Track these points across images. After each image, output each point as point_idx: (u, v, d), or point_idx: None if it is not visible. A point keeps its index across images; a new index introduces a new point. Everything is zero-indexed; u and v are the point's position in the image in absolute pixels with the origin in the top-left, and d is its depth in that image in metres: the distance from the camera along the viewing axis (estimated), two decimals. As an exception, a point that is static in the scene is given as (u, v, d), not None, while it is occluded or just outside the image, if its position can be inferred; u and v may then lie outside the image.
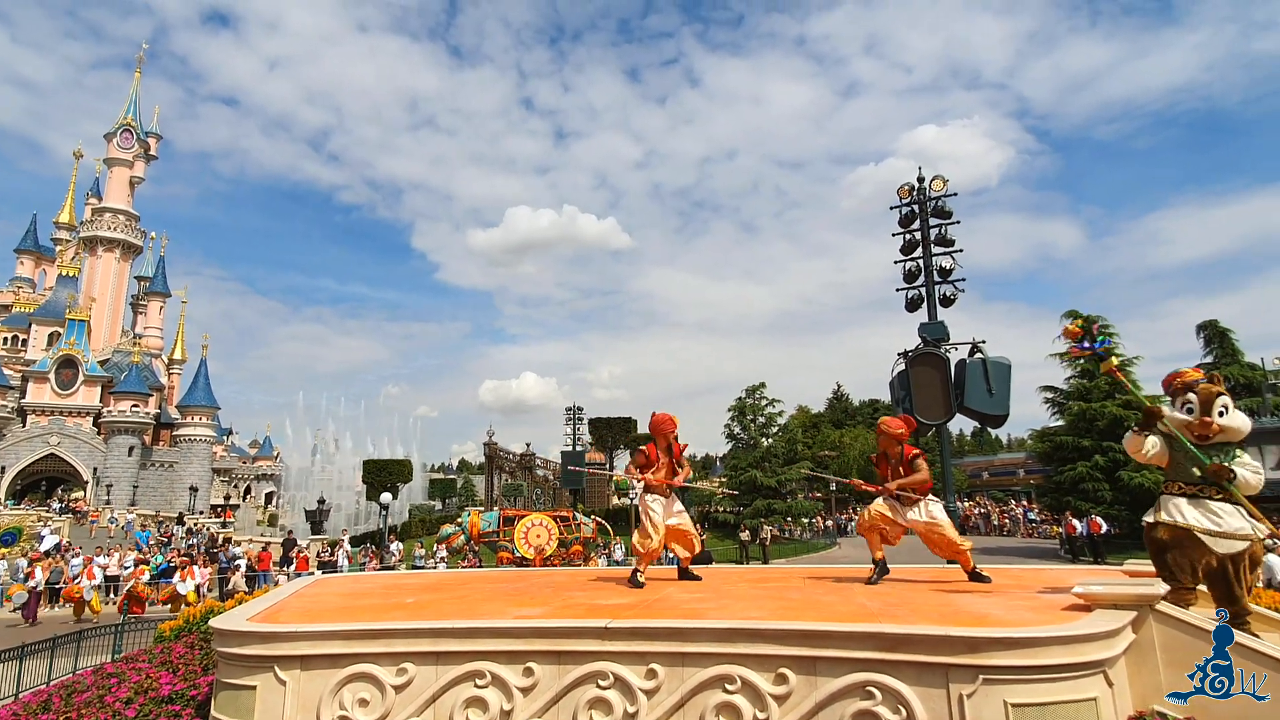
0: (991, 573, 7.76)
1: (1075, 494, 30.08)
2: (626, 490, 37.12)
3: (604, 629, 4.49)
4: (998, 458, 64.03)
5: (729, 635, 4.24)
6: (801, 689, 4.04)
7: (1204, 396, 4.86)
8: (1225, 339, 36.81)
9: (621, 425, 47.64)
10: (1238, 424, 4.87)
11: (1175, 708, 4.23)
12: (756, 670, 4.14)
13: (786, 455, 39.29)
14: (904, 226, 15.23)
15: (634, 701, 4.29)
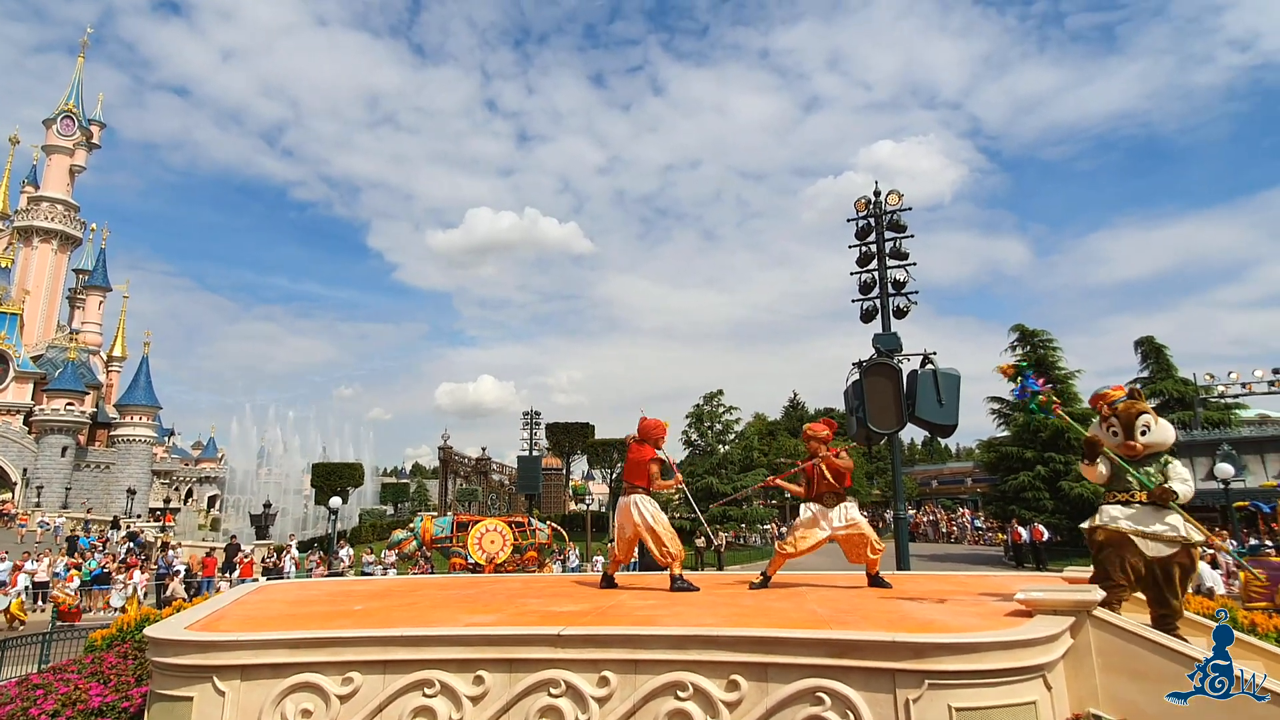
0: (939, 579, 7.95)
1: (1019, 502, 31.03)
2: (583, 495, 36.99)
3: (556, 636, 4.46)
4: (947, 466, 65.71)
5: (682, 642, 4.24)
6: (753, 695, 4.07)
7: (1125, 420, 5.11)
8: (1161, 355, 38.49)
9: (579, 430, 47.43)
10: (1161, 438, 5.10)
11: (1108, 710, 4.39)
12: (709, 677, 4.16)
13: (743, 462, 39.64)
14: (860, 239, 15.51)
15: (585, 709, 4.26)
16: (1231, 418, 36.25)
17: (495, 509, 41.90)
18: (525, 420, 37.46)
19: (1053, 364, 33.45)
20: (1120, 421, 5.15)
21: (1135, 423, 5.09)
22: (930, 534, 43.91)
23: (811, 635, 4.11)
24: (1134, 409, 5.17)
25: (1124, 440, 5.11)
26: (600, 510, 43.82)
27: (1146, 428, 5.09)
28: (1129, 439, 5.08)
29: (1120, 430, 5.14)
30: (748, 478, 38.95)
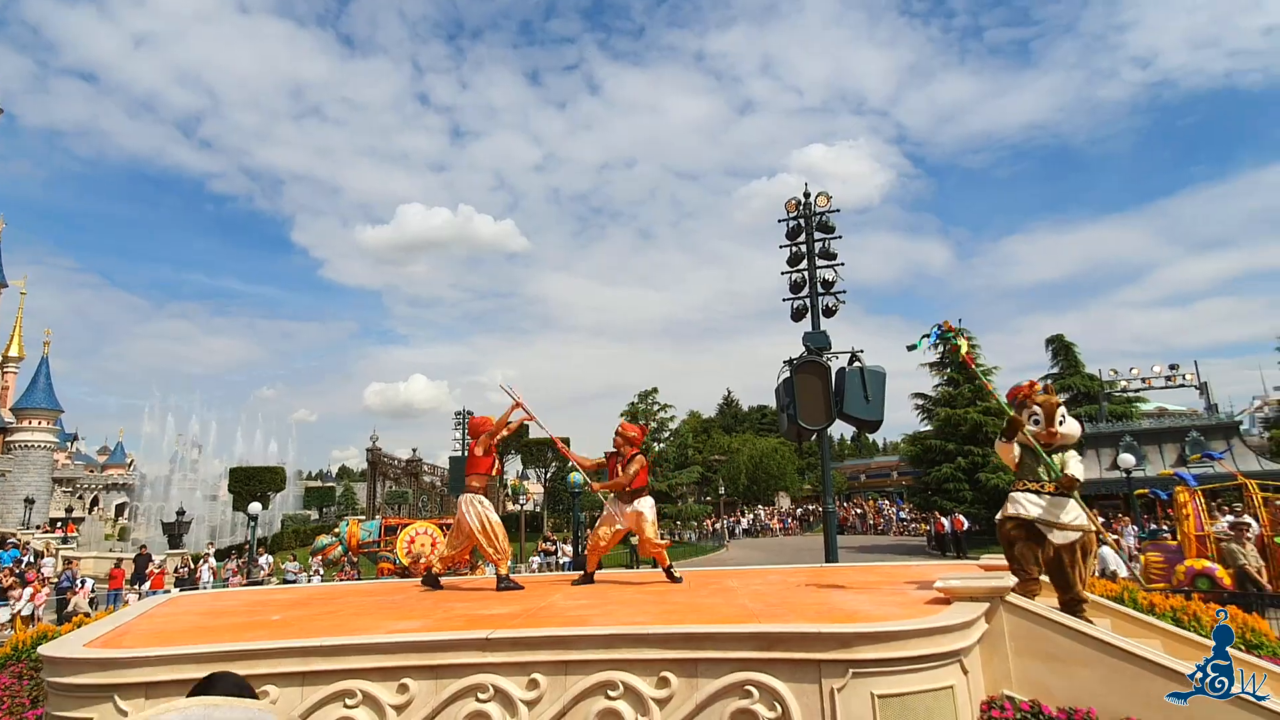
0: (865, 570, 8.17)
1: (941, 494, 32.32)
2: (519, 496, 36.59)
3: (484, 640, 4.36)
4: (874, 461, 67.88)
5: (612, 641, 4.22)
6: (683, 691, 4.08)
7: (1047, 408, 5.50)
8: (1069, 352, 40.78)
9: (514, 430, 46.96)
10: (1073, 430, 5.54)
11: (1021, 691, 4.59)
12: (639, 675, 4.15)
13: (677, 460, 39.97)
14: (790, 239, 15.78)
15: (514, 713, 4.18)
16: (1133, 411, 38.71)
17: (427, 511, 40.96)
18: (458, 420, 36.74)
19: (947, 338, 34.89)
20: (1043, 409, 5.51)
21: (1055, 412, 5.48)
22: (858, 526, 45.26)
23: (740, 629, 4.15)
24: (1054, 400, 5.59)
25: (1045, 427, 5.47)
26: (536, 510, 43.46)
27: (1064, 418, 5.51)
28: (1049, 425, 5.45)
29: (1042, 417, 5.49)
30: (682, 475, 39.33)
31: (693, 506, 41.51)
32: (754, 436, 58.54)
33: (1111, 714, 4.36)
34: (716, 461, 48.11)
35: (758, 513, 48.88)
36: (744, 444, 54.32)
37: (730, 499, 49.09)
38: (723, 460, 49.32)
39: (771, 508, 52.22)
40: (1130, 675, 4.40)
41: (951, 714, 4.04)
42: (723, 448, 52.86)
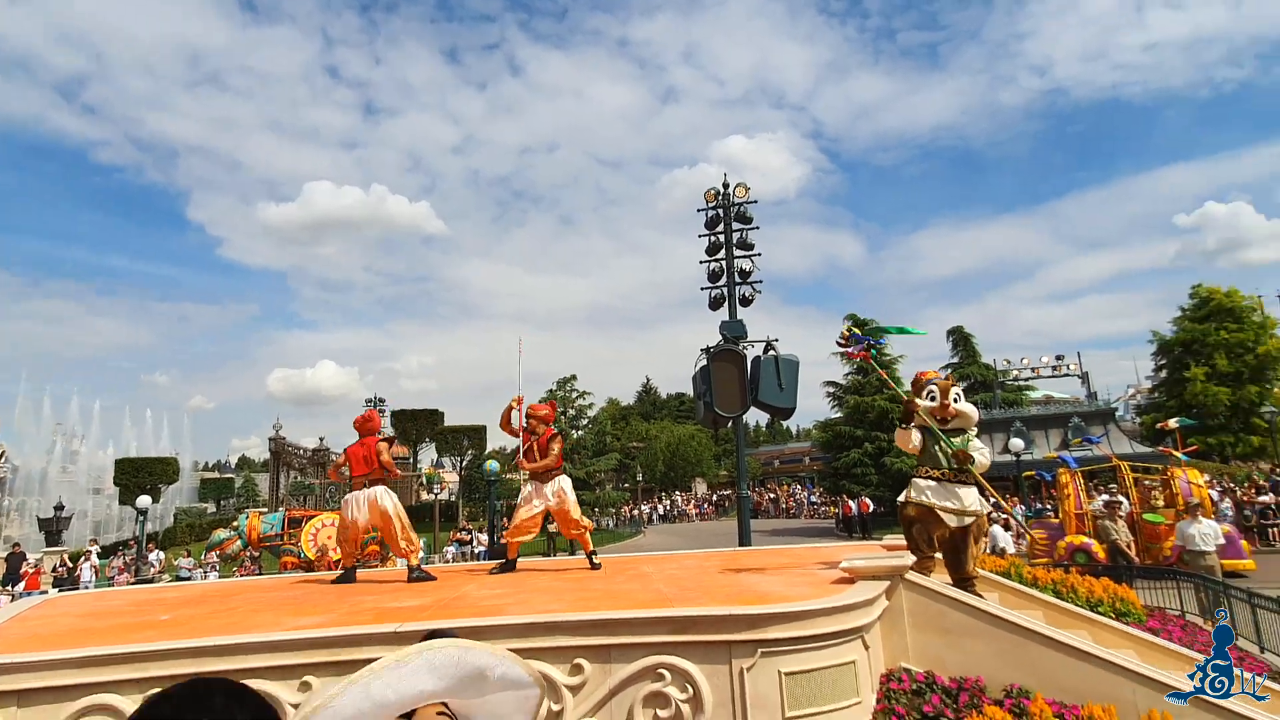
0: (777, 553, 8.42)
1: (849, 478, 33.65)
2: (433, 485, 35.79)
3: (394, 634, 4.24)
4: (787, 447, 69.88)
5: (525, 630, 4.18)
6: (596, 677, 4.09)
7: (942, 387, 5.96)
8: (968, 343, 43.24)
9: (428, 417, 45.59)
10: (968, 410, 5.92)
11: (917, 663, 4.85)
12: (552, 662, 4.13)
13: (596, 447, 40.01)
14: (709, 229, 15.95)
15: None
16: (1023, 398, 41.47)
17: (335, 503, 39.55)
18: (369, 408, 35.53)
19: (879, 350, 36.49)
20: (940, 388, 5.95)
21: (949, 391, 5.92)
22: (772, 510, 46.61)
23: (653, 614, 4.19)
24: (950, 381, 6.07)
25: (940, 401, 5.87)
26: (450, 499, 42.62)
27: (958, 396, 5.93)
28: (944, 399, 5.86)
29: (938, 395, 5.91)
30: (600, 462, 39.40)
31: (610, 493, 41.69)
32: (672, 424, 59.27)
33: (998, 681, 4.67)
34: (634, 448, 48.46)
35: (675, 499, 49.62)
36: (662, 431, 54.92)
37: (648, 485, 49.60)
38: (641, 447, 49.73)
39: (688, 494, 53.12)
40: (1015, 645, 4.72)
41: (853, 687, 4.22)
42: (641, 435, 53.27)
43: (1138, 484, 16.50)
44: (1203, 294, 33.90)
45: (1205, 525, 12.18)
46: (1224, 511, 18.43)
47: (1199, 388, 31.68)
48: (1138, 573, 11.35)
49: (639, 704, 4.00)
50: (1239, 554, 14.78)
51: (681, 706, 3.96)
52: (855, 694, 4.22)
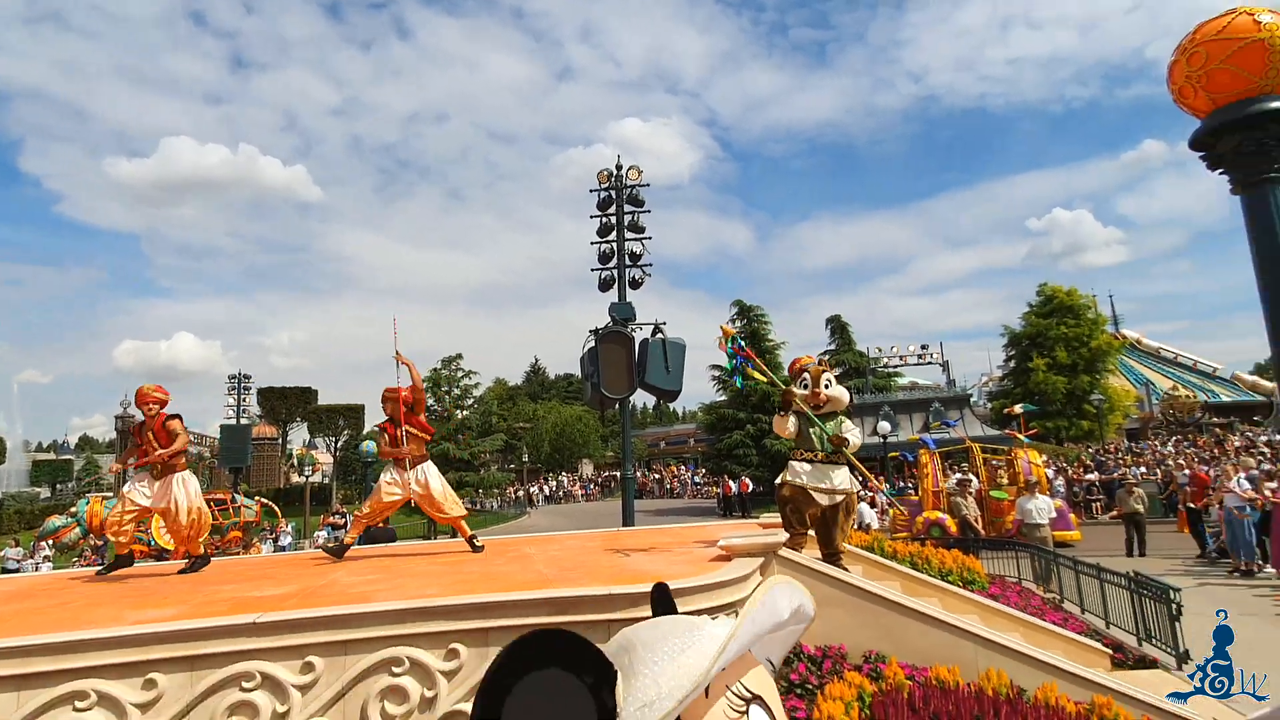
0: (660, 532, 8.57)
1: (732, 459, 34.83)
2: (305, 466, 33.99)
3: (251, 625, 3.98)
4: (673, 429, 71.31)
5: (398, 617, 4.03)
6: (473, 661, 4.01)
7: (815, 374, 6.22)
8: (845, 331, 45.68)
9: (299, 396, 43.04)
10: (839, 394, 6.21)
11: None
12: (427, 649, 4.02)
13: (481, 428, 39.25)
14: (601, 210, 15.89)
15: (285, 699, 3.87)
16: (891, 384, 44.36)
17: (194, 486, 36.69)
18: (232, 384, 33.06)
19: (763, 336, 37.92)
20: (811, 375, 6.19)
21: (821, 377, 6.18)
22: (656, 491, 47.56)
23: (533, 596, 4.15)
24: (823, 368, 6.30)
25: (812, 388, 6.12)
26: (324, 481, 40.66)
27: (830, 382, 6.20)
28: (815, 387, 6.12)
29: (811, 382, 6.16)
30: (486, 443, 38.71)
31: (495, 474, 41.11)
32: (560, 404, 59.11)
33: (859, 647, 4.98)
34: (521, 429, 47.97)
35: (561, 480, 49.60)
36: (550, 412, 54.69)
37: (534, 466, 49.29)
38: (527, 428, 49.30)
39: (575, 475, 53.24)
40: (874, 613, 5.04)
41: (726, 661, 4.37)
42: (528, 415, 52.81)
43: (986, 464, 18.05)
44: (1047, 292, 37.30)
45: (1041, 501, 13.47)
46: (1057, 489, 20.48)
47: (1040, 377, 34.92)
48: (983, 544, 12.42)
49: (516, 686, 3.96)
50: (1068, 526, 16.50)
51: (558, 686, 3.96)
52: (728, 666, 4.37)
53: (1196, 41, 2.52)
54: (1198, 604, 7.91)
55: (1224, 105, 2.46)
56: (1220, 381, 47.96)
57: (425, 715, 3.94)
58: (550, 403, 60.11)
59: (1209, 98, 2.51)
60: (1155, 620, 7.18)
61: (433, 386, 38.41)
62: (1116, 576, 7.93)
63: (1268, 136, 2.40)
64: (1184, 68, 2.59)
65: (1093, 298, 37.27)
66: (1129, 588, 7.59)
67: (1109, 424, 35.35)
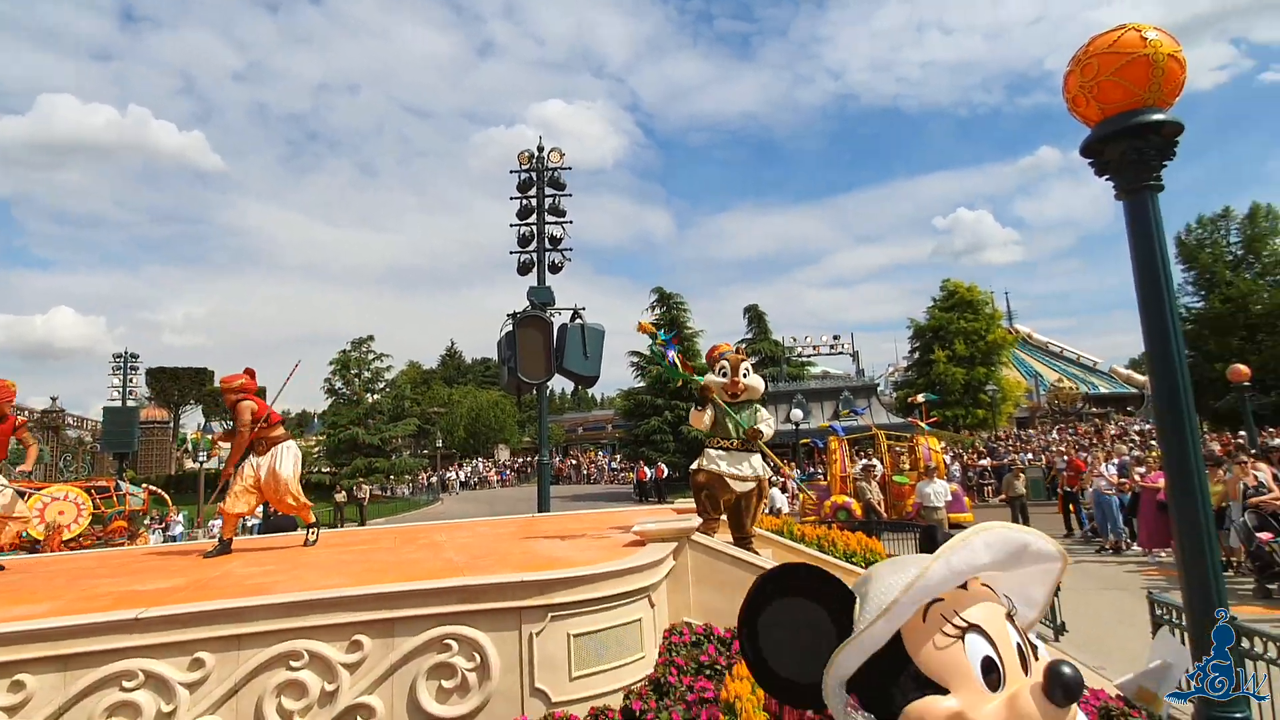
0: (574, 518, 8.55)
1: (649, 445, 35.15)
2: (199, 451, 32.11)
3: (134, 620, 3.72)
4: (592, 414, 71.29)
5: (297, 609, 3.86)
6: (377, 653, 3.89)
7: (733, 362, 6.29)
8: (762, 320, 46.79)
9: (193, 377, 40.59)
10: (755, 383, 6.31)
11: (698, 616, 5.17)
12: (328, 641, 3.86)
13: (393, 412, 38.09)
14: (521, 192, 15.59)
15: (171, 698, 3.65)
16: (804, 373, 45.75)
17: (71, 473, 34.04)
18: (117, 364, 30.75)
19: (683, 323, 38.38)
20: (730, 363, 6.25)
21: (739, 366, 6.24)
22: (573, 476, 47.52)
23: (442, 584, 4.06)
24: (740, 356, 6.36)
25: (730, 378, 6.19)
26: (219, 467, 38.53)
27: (747, 371, 6.28)
28: (734, 376, 6.19)
29: (729, 370, 6.21)
30: (398, 428, 37.62)
31: (407, 460, 40.03)
32: (476, 389, 58.08)
33: (766, 629, 5.11)
34: (435, 413, 46.87)
35: (476, 465, 48.84)
36: (465, 396, 53.64)
37: (448, 452, 48.30)
38: (442, 412, 48.21)
39: (490, 460, 52.52)
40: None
41: (638, 643, 4.40)
42: (442, 400, 51.63)
43: (890, 450, 18.88)
44: (950, 288, 39.28)
45: (938, 485, 14.23)
46: (953, 473, 21.68)
47: (941, 368, 36.80)
48: (885, 527, 13.02)
49: (423, 676, 3.87)
50: (962, 508, 17.48)
51: (468, 675, 3.89)
52: (640, 650, 4.41)
53: (1090, 54, 2.66)
54: (1072, 580, 8.55)
55: (1112, 115, 2.61)
56: (1100, 374, 51.92)
57: (326, 709, 3.80)
58: (466, 387, 58.96)
59: (1099, 107, 2.66)
60: (1037, 596, 7.70)
61: (341, 369, 36.99)
62: (1004, 556, 8.46)
63: (1149, 146, 2.56)
64: (1078, 78, 2.73)
65: (990, 294, 39.51)
66: (1014, 566, 8.12)
67: (1001, 413, 37.65)
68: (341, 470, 33.96)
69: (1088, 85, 2.67)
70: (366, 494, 29.77)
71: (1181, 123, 2.51)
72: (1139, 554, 12.17)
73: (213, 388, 39.69)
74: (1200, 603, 2.40)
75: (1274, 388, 35.78)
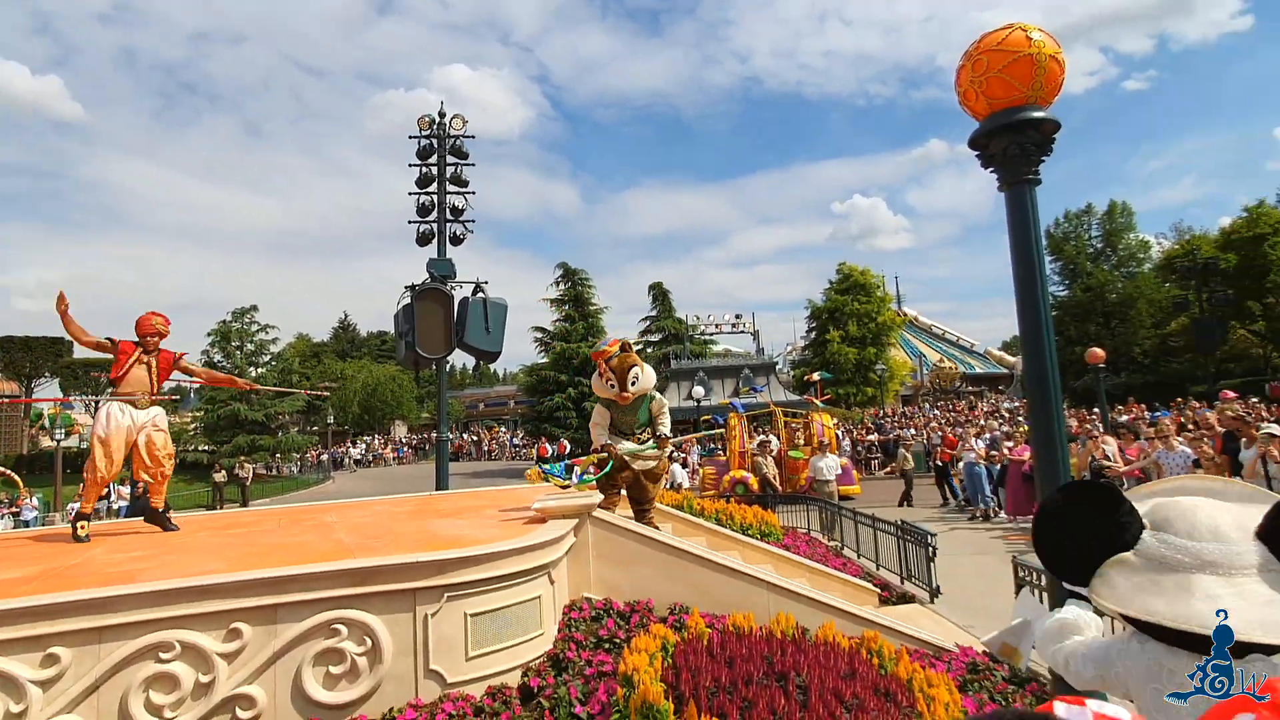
0: (473, 495, 8.40)
1: (552, 421, 35.00)
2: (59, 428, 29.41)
3: (-31, 615, 3.35)
4: (494, 390, 70.09)
5: (166, 597, 3.59)
6: (258, 640, 3.68)
7: (619, 373, 6.08)
8: (666, 298, 47.27)
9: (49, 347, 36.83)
10: (645, 382, 6.19)
11: (598, 591, 5.19)
12: (202, 630, 3.62)
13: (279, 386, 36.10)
14: (421, 159, 14.97)
15: (21, 698, 3.33)
16: (707, 350, 46.65)
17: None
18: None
19: (587, 300, 38.22)
20: (616, 374, 6.09)
21: (627, 375, 6.07)
22: (474, 453, 46.71)
23: (330, 567, 3.87)
24: (626, 363, 6.12)
25: (619, 391, 6.06)
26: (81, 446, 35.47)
27: (635, 378, 6.11)
28: (622, 390, 6.06)
29: (616, 382, 6.06)
30: (285, 403, 35.72)
31: (295, 437, 38.11)
32: (372, 363, 55.84)
33: (666, 600, 5.21)
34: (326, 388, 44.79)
35: (370, 442, 47.17)
36: (360, 370, 51.51)
37: (341, 428, 46.36)
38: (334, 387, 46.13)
39: (386, 436, 50.83)
40: (680, 568, 5.29)
41: (537, 621, 4.37)
42: (335, 374, 49.37)
43: (787, 426, 19.61)
44: (845, 271, 40.98)
45: (830, 459, 14.90)
46: (844, 448, 22.78)
47: (835, 348, 38.47)
48: (780, 500, 13.53)
49: (309, 663, 3.70)
50: (850, 481, 18.44)
51: (358, 660, 3.75)
52: (539, 627, 4.38)
53: (980, 50, 2.77)
54: (947, 546, 9.18)
55: (998, 110, 2.74)
56: (976, 355, 55.79)
57: (201, 701, 3.57)
58: (361, 361, 56.57)
59: (987, 102, 2.79)
60: (915, 562, 8.22)
61: (221, 340, 34.66)
62: (887, 525, 8.98)
63: (1029, 142, 2.70)
64: (969, 73, 2.84)
65: (882, 278, 41.51)
66: (895, 534, 8.63)
67: (888, 391, 39.82)
68: (221, 448, 31.94)
69: (978, 80, 2.79)
70: (249, 473, 28.14)
71: (1059, 121, 2.66)
72: (1005, 521, 13.21)
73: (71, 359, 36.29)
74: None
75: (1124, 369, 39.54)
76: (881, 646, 4.30)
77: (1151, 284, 40.95)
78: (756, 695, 3.44)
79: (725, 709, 3.35)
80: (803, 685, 3.63)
